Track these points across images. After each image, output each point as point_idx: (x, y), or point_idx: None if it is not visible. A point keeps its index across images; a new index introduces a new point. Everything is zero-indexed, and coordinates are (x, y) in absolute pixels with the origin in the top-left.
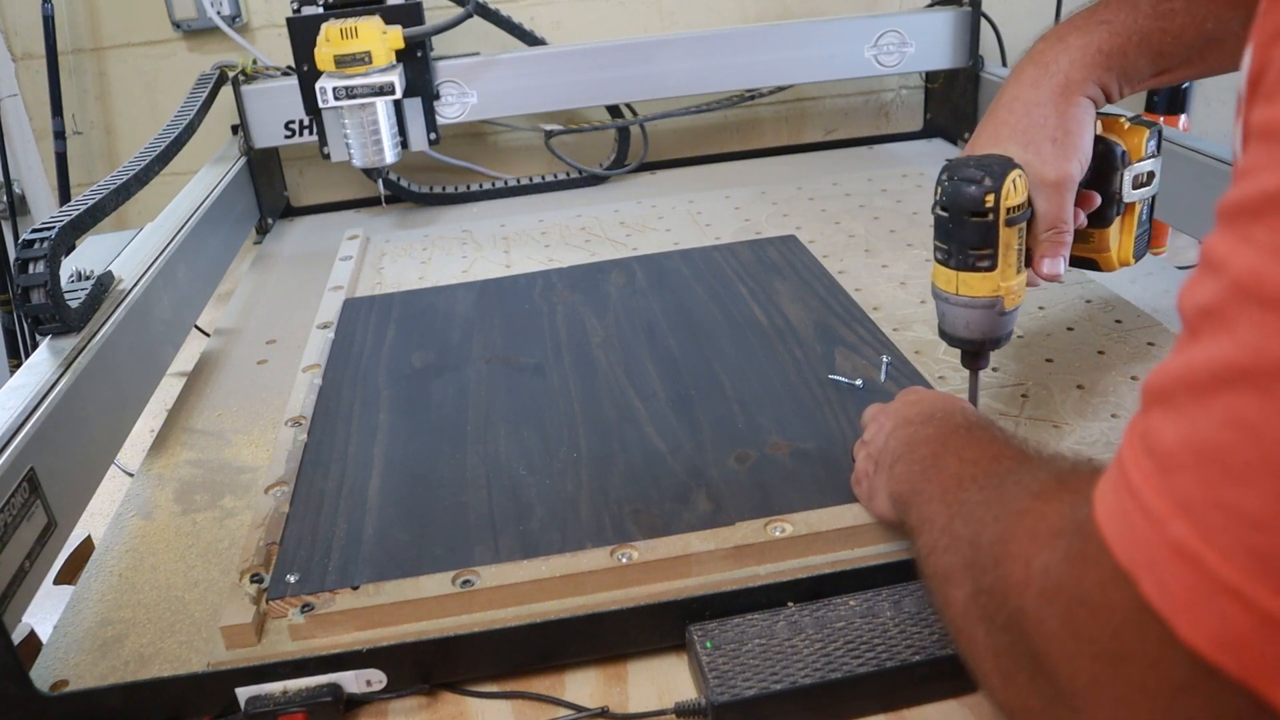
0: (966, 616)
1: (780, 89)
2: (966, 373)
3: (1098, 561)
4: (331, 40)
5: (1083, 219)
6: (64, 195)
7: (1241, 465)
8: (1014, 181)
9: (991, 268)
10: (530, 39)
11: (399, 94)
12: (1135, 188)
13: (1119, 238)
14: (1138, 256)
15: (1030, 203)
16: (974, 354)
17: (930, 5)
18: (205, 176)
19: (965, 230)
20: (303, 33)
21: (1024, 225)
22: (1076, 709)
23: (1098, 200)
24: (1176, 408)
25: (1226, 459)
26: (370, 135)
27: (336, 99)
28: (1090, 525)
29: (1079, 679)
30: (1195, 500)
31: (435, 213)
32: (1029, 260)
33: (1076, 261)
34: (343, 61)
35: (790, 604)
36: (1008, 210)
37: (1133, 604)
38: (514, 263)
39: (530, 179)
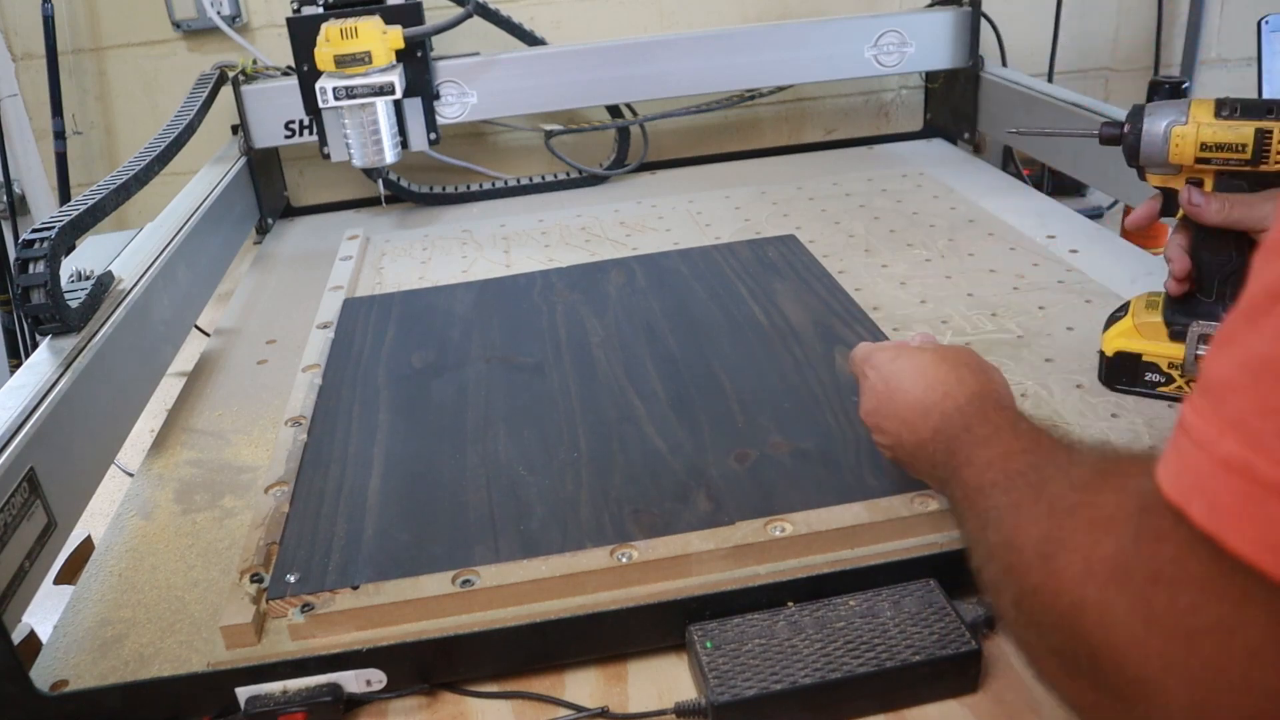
0: (1016, 622)
1: (780, 89)
2: None
3: (1171, 535)
4: (331, 40)
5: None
6: (64, 195)
7: None
8: None
9: None
10: (530, 39)
11: (399, 94)
12: None
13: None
14: None
15: None
16: None
17: (930, 5)
18: (205, 176)
19: None
20: (303, 33)
21: None
22: (1148, 696)
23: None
24: (1230, 342)
25: (1277, 367)
26: (370, 135)
27: (336, 99)
28: (1156, 497)
29: (1150, 665)
30: (1246, 414)
31: (435, 213)
32: None
33: None
34: (343, 61)
35: (790, 604)
36: None
37: (1211, 568)
38: (514, 263)
39: (530, 179)
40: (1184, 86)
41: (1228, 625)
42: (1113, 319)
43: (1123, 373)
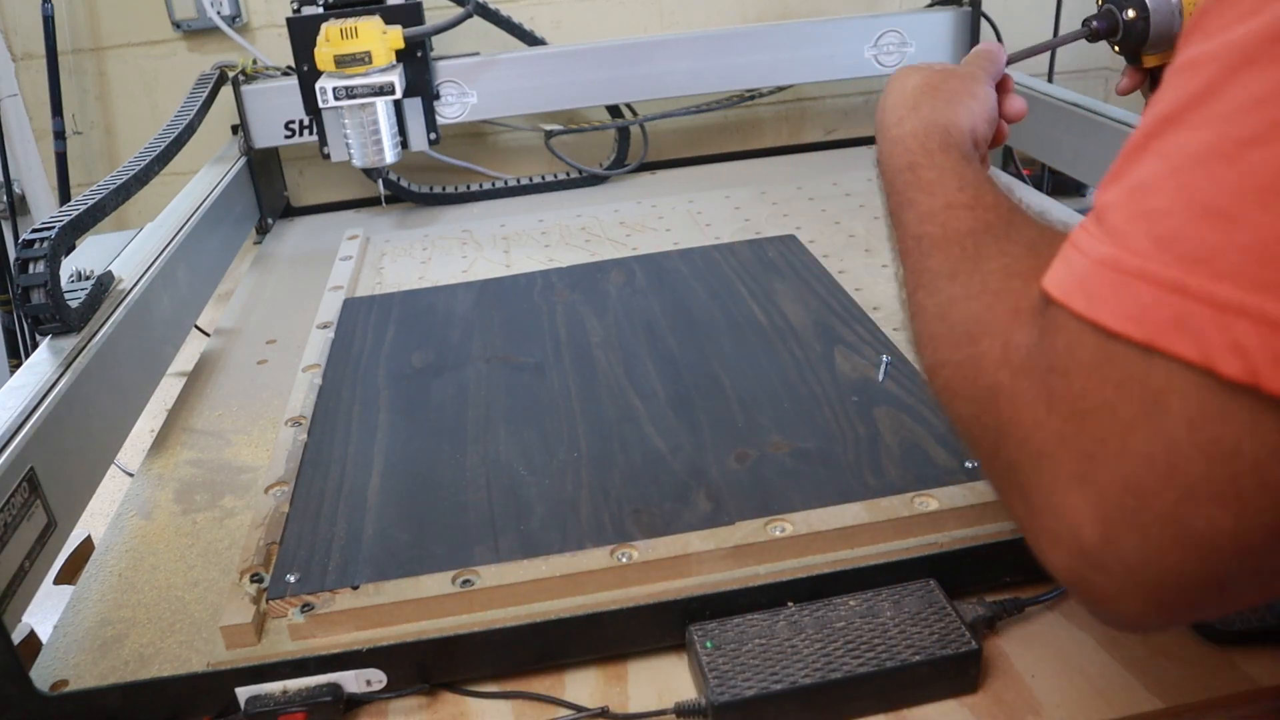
0: (935, 384)
1: (780, 89)
2: None
3: (1064, 327)
4: (331, 40)
5: None
6: (64, 195)
7: (1155, 183)
8: None
9: None
10: (530, 39)
11: (399, 94)
12: None
13: None
14: None
15: None
16: None
17: (930, 5)
18: (205, 176)
19: None
20: (303, 33)
21: None
22: (1042, 468)
23: None
24: (1115, 179)
25: (1149, 185)
26: (370, 135)
27: (336, 99)
28: (1044, 295)
29: (1048, 441)
30: (1121, 225)
31: (435, 213)
32: None
33: None
34: (343, 61)
35: (790, 604)
36: None
37: (1096, 354)
38: (514, 263)
39: (530, 179)
40: None
41: (1110, 404)
42: None
43: None
